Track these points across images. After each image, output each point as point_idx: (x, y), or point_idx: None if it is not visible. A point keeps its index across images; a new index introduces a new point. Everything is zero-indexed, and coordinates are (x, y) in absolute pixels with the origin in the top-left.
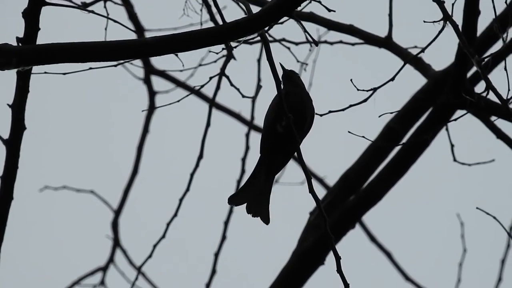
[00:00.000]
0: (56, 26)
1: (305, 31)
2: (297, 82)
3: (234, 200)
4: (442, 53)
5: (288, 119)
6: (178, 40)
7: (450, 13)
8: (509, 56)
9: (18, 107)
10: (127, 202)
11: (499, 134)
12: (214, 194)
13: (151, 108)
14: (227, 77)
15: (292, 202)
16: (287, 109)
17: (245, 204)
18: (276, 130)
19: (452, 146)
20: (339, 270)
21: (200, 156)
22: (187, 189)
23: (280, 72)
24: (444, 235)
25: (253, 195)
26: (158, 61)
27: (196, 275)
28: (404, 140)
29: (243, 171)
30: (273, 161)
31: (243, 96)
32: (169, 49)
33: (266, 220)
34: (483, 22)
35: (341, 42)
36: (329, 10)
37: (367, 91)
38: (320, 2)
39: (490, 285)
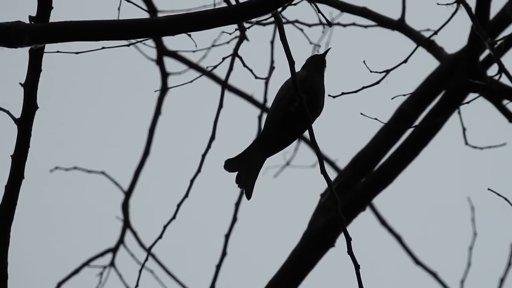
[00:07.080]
0: (69, 6)
1: (318, 12)
2: (322, 71)
3: (229, 166)
4: (455, 36)
5: (301, 98)
6: (190, 19)
7: None
8: None
9: (30, 86)
10: (137, 183)
11: (511, 118)
12: (225, 175)
13: (164, 89)
14: (240, 58)
15: (302, 185)
16: (301, 90)
17: (236, 173)
18: (287, 109)
19: (464, 129)
20: (349, 251)
21: (212, 138)
22: (198, 170)
23: (293, 54)
24: (455, 218)
25: (246, 167)
26: (170, 42)
27: (206, 256)
28: (416, 123)
29: None
30: (274, 139)
31: (256, 77)
32: (181, 29)
33: (249, 196)
34: (496, 6)
35: (354, 24)
36: None
37: (380, 73)
38: None
39: (500, 270)
